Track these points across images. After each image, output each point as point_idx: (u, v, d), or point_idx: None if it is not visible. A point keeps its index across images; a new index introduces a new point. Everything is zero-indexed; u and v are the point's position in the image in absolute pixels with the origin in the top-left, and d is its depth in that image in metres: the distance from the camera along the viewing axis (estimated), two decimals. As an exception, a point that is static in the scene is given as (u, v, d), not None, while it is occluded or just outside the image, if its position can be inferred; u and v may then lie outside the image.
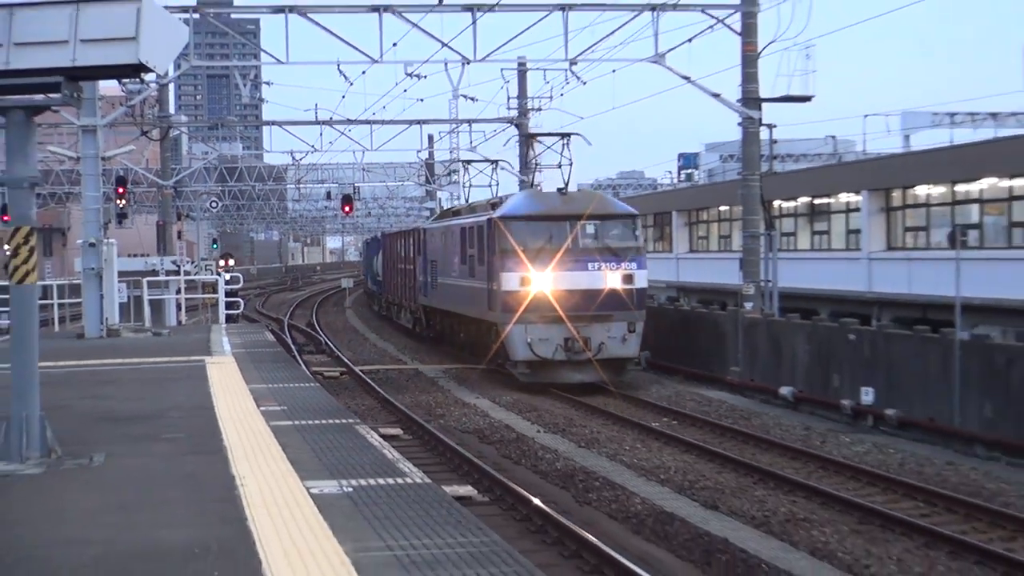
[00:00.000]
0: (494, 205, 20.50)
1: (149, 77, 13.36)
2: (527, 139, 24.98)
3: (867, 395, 15.17)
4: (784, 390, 17.35)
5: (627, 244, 18.73)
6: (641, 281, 18.67)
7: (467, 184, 28.25)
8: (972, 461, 13.05)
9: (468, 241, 21.50)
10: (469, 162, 27.78)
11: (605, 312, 18.07)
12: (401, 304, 32.43)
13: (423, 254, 27.08)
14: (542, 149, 22.46)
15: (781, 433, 15.10)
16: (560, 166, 21.31)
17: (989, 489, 11.41)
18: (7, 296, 7.40)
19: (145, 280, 21.65)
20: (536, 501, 9.98)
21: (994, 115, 40.73)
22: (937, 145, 30.64)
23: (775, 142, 26.88)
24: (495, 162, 25.73)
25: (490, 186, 25.03)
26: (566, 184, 20.46)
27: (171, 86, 30.96)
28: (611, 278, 18.06)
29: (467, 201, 27.06)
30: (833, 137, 46.23)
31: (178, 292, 23.48)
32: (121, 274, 20.04)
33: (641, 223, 21.52)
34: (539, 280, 17.70)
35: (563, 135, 21.50)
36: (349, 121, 31.26)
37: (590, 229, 18.44)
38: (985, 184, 21.54)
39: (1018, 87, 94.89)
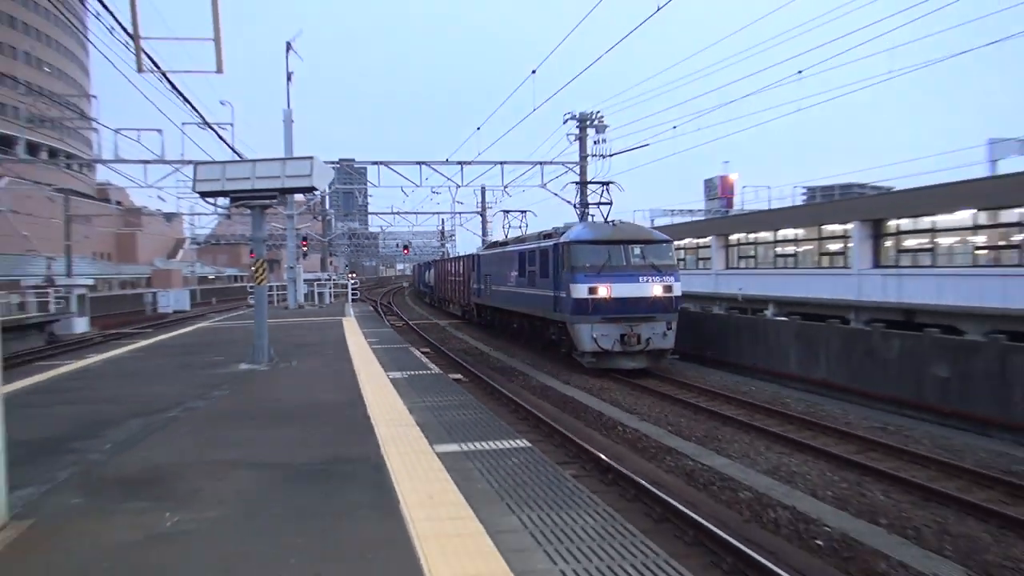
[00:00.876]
0: (548, 236, 24.78)
1: (316, 192, 22.83)
2: (581, 186, 33.20)
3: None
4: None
5: (665, 262, 21.89)
6: (676, 290, 21.70)
7: (506, 227, 40.45)
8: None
9: (529, 261, 25.78)
10: (508, 211, 41.02)
11: (651, 314, 21.13)
12: (452, 300, 46.15)
13: (477, 271, 35.80)
14: (588, 193, 30.59)
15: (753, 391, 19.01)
16: (599, 205, 25.51)
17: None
18: (253, 291, 14.57)
19: (315, 282, 40.47)
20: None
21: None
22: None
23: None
24: (524, 212, 40.49)
25: (519, 227, 39.87)
26: (605, 219, 24.69)
27: (327, 196, 58.01)
28: (655, 288, 21.24)
29: (506, 236, 37.12)
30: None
31: (330, 288, 41.90)
32: (305, 281, 38.23)
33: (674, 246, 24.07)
34: (602, 289, 20.97)
35: (604, 183, 26.02)
36: (406, 212, 65.02)
37: (637, 251, 21.81)
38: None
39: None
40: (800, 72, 18.95)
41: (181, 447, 7.81)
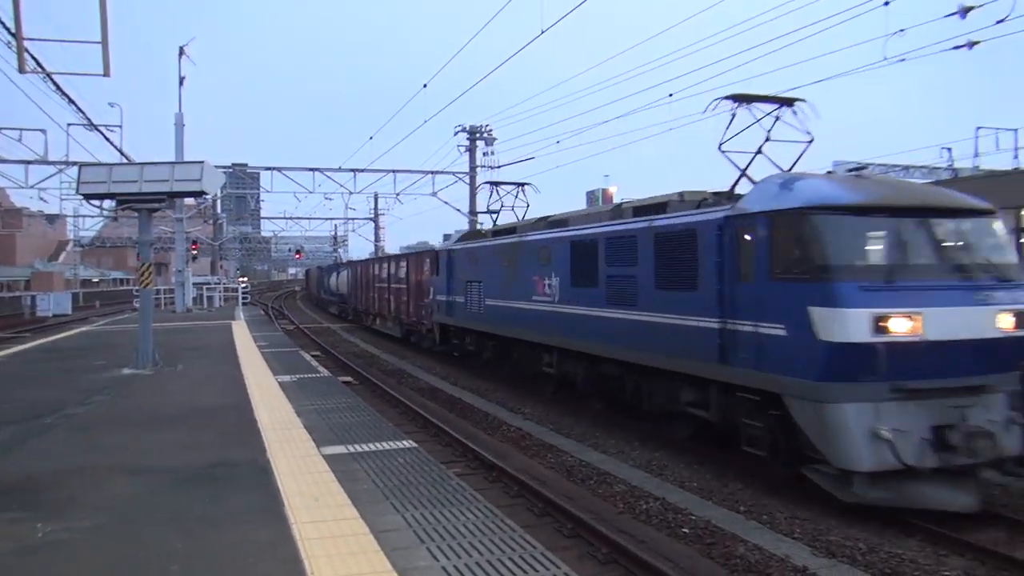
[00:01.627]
0: (700, 203, 11.11)
1: (207, 196, 21.72)
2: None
3: None
4: None
5: (1004, 259, 9.24)
6: None
7: (494, 208, 21.69)
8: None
9: (628, 255, 12.14)
10: (497, 183, 21.53)
11: (990, 378, 8.80)
12: (382, 315, 32.62)
13: (445, 275, 21.04)
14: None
15: None
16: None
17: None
18: (139, 294, 13.80)
19: (204, 286, 39.04)
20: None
21: None
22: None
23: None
24: (522, 185, 21.27)
25: (513, 208, 21.14)
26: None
27: (218, 200, 54.78)
28: (1003, 318, 8.77)
29: (494, 223, 21.58)
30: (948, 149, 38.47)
31: (220, 292, 40.68)
32: (194, 284, 37.23)
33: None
34: (902, 321, 8.38)
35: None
36: (299, 217, 60.09)
37: (950, 231, 9.23)
38: None
39: None
40: (671, 95, 19.64)
41: (59, 454, 7.35)
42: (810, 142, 10.83)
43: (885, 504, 8.43)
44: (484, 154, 35.38)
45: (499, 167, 34.86)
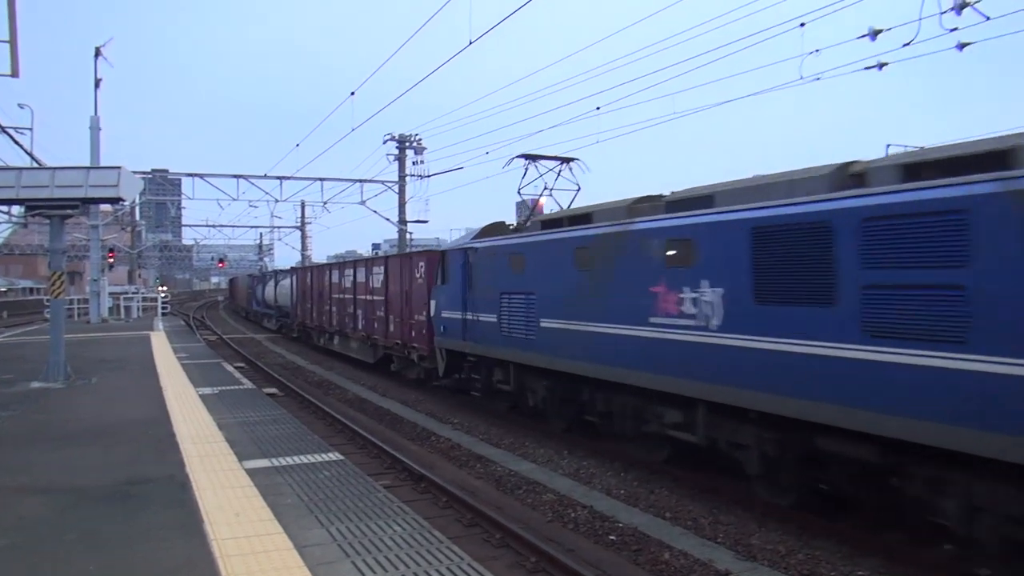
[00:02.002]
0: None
1: (124, 203, 21.02)
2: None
3: None
4: None
5: None
6: None
7: (531, 189, 15.72)
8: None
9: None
10: (536, 157, 15.20)
11: None
12: (345, 334, 25.66)
13: (459, 283, 15.53)
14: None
15: None
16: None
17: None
18: (50, 304, 13.15)
19: (121, 296, 37.08)
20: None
21: None
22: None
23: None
24: (567, 160, 15.20)
25: (551, 192, 15.18)
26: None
27: (137, 207, 52.27)
28: None
29: (535, 208, 16.17)
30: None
31: (138, 302, 38.83)
32: (111, 294, 34.74)
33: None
34: None
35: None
36: (222, 225, 58.43)
37: None
38: None
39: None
40: (598, 108, 19.91)
41: (-42, 474, 6.93)
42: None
43: None
44: (414, 163, 35.22)
45: (429, 176, 34.74)
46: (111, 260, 37.12)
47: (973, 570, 7.07)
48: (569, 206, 12.63)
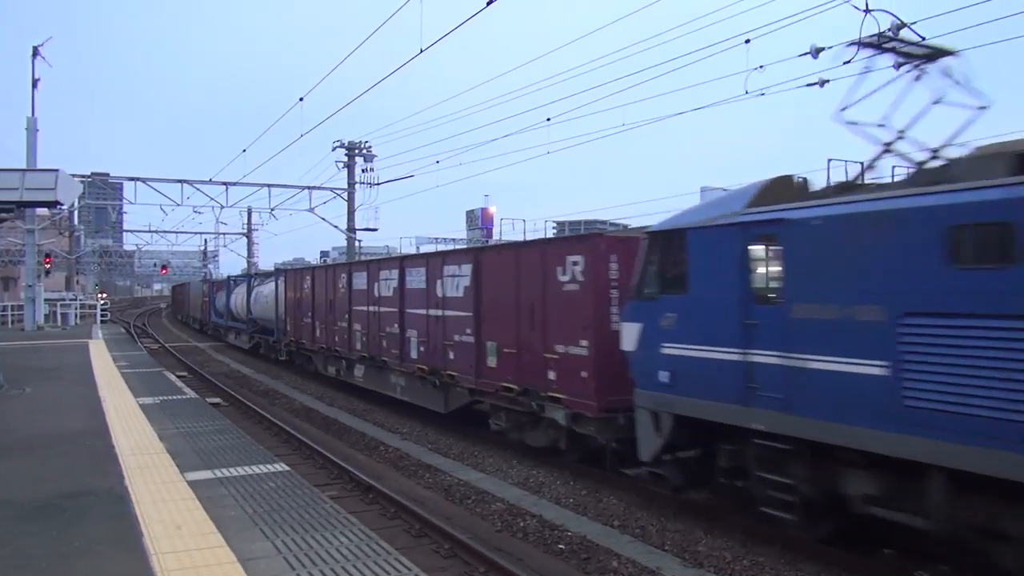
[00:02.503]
0: None
1: (62, 207, 20.38)
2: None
3: None
4: None
5: None
6: None
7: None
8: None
9: None
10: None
11: None
12: (373, 361, 18.14)
13: (725, 290, 8.31)
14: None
15: None
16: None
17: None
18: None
19: (58, 302, 36.37)
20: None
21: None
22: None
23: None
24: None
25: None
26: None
27: (76, 211, 50.24)
28: None
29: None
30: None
31: (75, 309, 37.85)
32: (47, 300, 34.18)
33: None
34: None
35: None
36: (165, 231, 56.10)
37: None
38: None
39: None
40: (549, 120, 20.03)
41: None
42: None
43: None
44: (363, 170, 34.95)
45: (379, 184, 34.49)
46: (48, 266, 35.92)
47: (912, 573, 7.26)
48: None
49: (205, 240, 74.35)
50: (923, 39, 8.97)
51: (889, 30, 9.19)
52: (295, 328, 24.52)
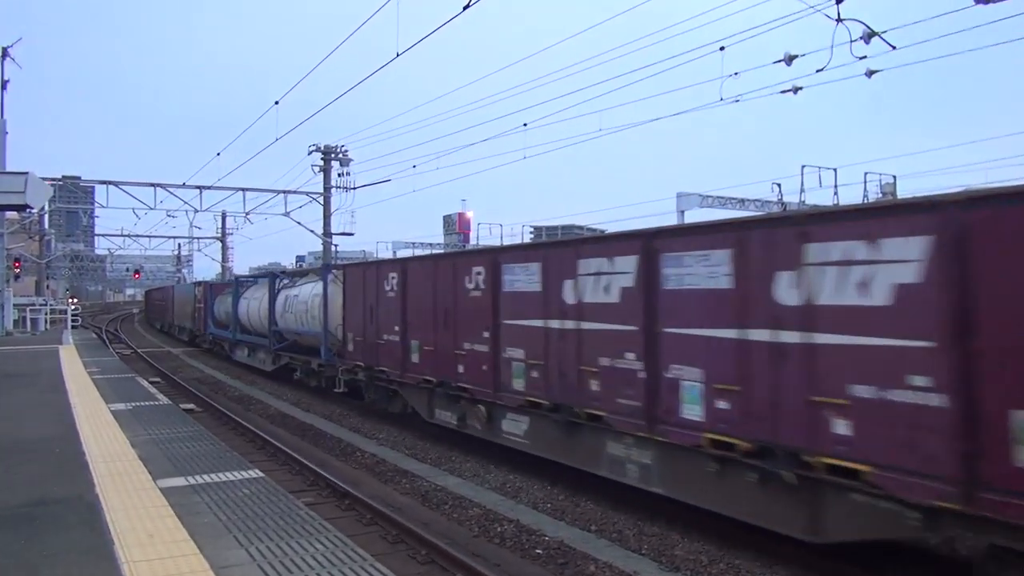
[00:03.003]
0: None
1: (32, 210, 20.02)
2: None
3: None
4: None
5: None
6: None
7: None
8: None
9: None
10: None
11: None
12: (570, 413, 10.20)
13: None
14: None
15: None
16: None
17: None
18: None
19: (28, 307, 36.65)
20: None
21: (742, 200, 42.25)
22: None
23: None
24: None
25: None
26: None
27: (46, 215, 50.56)
28: None
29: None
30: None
31: (45, 314, 38.17)
32: (16, 306, 34.31)
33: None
34: None
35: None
36: (138, 235, 55.25)
37: None
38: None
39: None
40: (525, 124, 20.11)
41: None
42: None
43: None
44: (339, 175, 34.78)
45: (355, 188, 34.33)
46: (17, 270, 35.45)
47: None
48: None
49: (179, 244, 73.52)
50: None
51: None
52: (366, 348, 16.46)
